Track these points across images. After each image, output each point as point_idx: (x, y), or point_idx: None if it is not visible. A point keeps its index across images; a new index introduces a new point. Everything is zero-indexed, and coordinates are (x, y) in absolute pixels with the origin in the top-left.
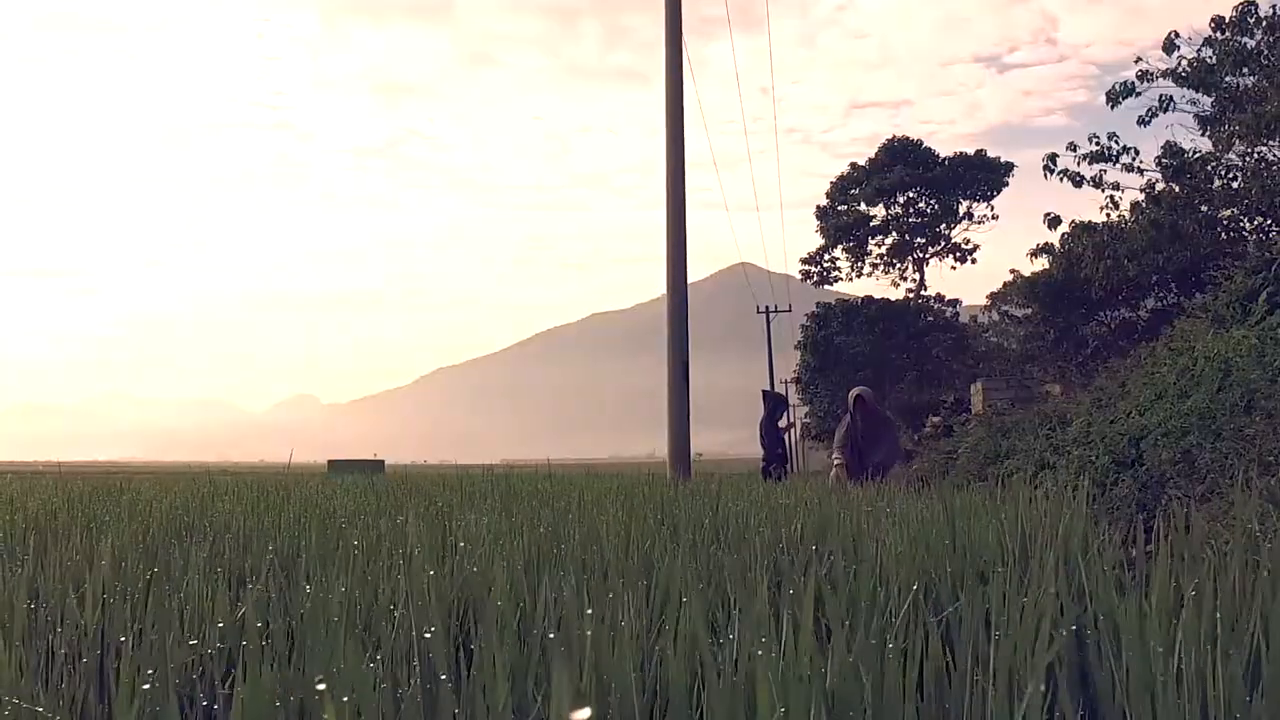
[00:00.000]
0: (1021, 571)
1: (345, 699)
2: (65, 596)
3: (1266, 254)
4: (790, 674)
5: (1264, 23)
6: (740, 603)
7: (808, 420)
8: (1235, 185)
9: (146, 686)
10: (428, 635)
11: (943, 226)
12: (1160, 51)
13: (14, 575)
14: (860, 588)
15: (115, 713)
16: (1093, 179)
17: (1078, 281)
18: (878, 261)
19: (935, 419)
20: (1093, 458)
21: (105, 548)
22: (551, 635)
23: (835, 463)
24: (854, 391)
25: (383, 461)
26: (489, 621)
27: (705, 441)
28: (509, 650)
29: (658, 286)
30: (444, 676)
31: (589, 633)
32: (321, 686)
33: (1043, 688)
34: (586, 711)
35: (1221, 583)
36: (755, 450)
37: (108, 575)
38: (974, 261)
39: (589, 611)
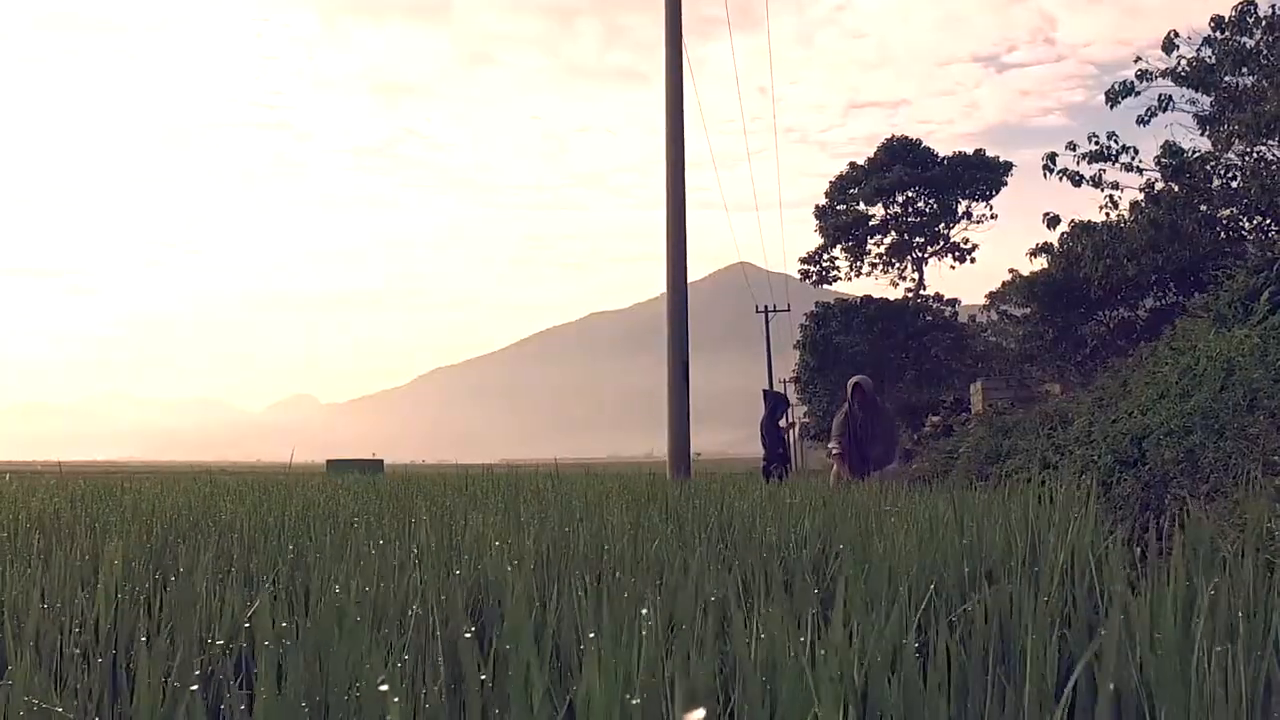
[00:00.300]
0: (1033, 571)
1: (396, 700)
2: (74, 596)
3: (1268, 253)
4: (821, 672)
5: (1263, 22)
6: (758, 601)
7: (807, 420)
8: (1234, 185)
9: (195, 688)
10: (467, 635)
11: (941, 226)
12: (1159, 51)
13: (23, 575)
14: (877, 586)
15: (139, 713)
16: (1092, 179)
17: (1077, 281)
18: (876, 261)
19: (935, 419)
20: (1095, 457)
21: (113, 548)
22: (591, 634)
23: (833, 452)
24: (852, 380)
25: (381, 461)
26: (513, 623)
27: (705, 441)
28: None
29: (656, 286)
30: (482, 677)
31: (610, 633)
32: (384, 688)
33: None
34: (701, 712)
35: (1236, 581)
36: (755, 450)
37: (119, 575)
38: (973, 261)
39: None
